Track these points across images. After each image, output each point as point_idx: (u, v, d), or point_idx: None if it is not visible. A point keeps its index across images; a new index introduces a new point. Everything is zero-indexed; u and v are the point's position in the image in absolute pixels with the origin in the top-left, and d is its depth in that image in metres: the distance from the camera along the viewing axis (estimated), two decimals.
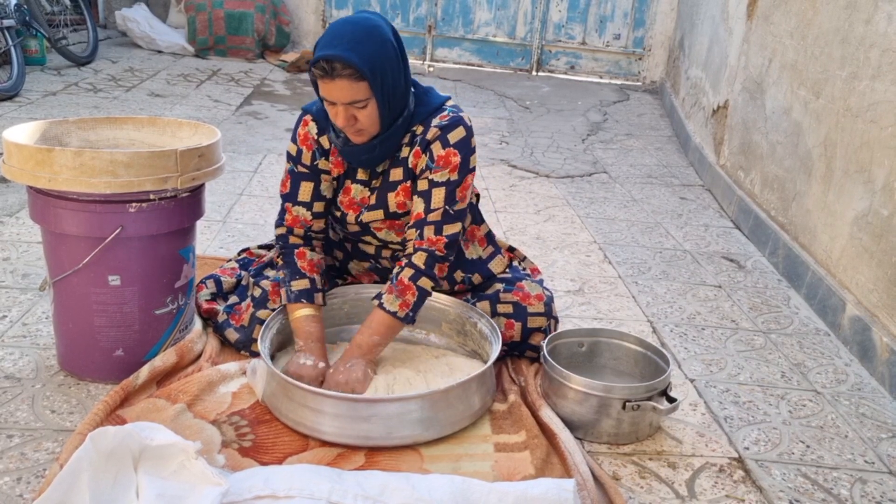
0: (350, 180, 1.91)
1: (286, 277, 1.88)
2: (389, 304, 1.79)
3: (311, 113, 1.90)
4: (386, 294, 1.80)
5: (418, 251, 1.82)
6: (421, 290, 1.81)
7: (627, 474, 1.64)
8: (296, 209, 1.91)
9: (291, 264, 1.89)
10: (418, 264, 1.81)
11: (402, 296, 1.79)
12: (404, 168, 1.86)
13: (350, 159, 1.86)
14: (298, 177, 1.91)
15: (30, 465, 1.51)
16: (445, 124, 1.81)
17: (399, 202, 1.88)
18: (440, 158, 1.80)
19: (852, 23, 2.54)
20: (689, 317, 2.44)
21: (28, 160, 1.62)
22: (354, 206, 1.91)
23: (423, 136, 1.82)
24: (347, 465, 1.56)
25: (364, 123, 1.74)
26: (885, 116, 2.26)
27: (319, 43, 1.69)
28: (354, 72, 1.64)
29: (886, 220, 2.21)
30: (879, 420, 1.94)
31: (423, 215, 1.82)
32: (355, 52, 1.64)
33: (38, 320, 2.05)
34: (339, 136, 1.82)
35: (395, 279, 1.81)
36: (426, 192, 1.82)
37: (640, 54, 6.64)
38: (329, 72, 1.65)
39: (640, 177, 4.03)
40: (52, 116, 4.08)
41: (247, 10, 6.11)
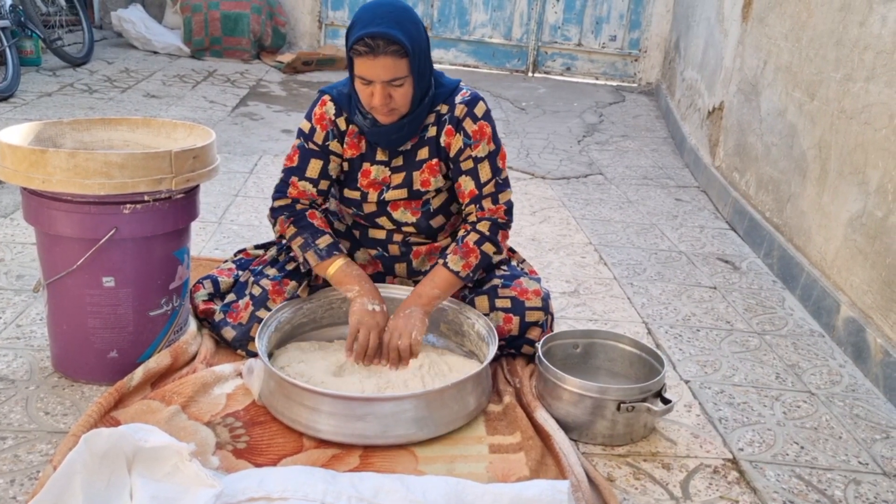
0: (368, 162, 1.95)
1: (308, 239, 1.89)
2: (453, 263, 1.88)
3: (331, 95, 1.93)
4: (451, 254, 1.89)
5: (482, 220, 1.92)
6: (483, 255, 1.91)
7: (622, 475, 1.64)
8: (302, 183, 1.94)
9: (309, 226, 1.91)
10: (483, 230, 1.91)
11: (466, 257, 1.89)
12: (431, 147, 1.93)
13: (377, 139, 1.90)
14: (308, 153, 1.93)
15: (23, 466, 1.51)
16: (468, 100, 1.90)
17: (424, 179, 1.94)
18: (475, 133, 1.89)
19: (847, 25, 2.54)
20: (683, 318, 2.44)
21: (22, 161, 1.62)
22: (375, 185, 1.96)
23: (451, 114, 1.90)
24: (342, 466, 1.56)
25: (398, 102, 1.78)
26: (880, 118, 2.27)
27: (358, 22, 1.73)
28: (399, 48, 1.70)
29: (881, 222, 2.21)
30: (873, 421, 1.95)
31: (477, 191, 1.92)
32: (399, 30, 1.71)
33: (32, 322, 2.04)
34: (367, 117, 1.85)
35: (461, 242, 1.90)
36: (473, 170, 1.91)
37: (635, 56, 6.65)
38: (373, 48, 1.69)
39: (636, 178, 4.03)
40: (48, 117, 4.07)
41: (243, 11, 6.11)
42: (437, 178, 1.95)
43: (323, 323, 2.04)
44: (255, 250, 2.25)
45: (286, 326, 1.93)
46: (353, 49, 1.72)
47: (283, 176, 1.96)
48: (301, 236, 1.90)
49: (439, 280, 1.89)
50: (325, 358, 1.87)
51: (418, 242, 2.06)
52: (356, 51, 1.71)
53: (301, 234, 1.91)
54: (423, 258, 2.07)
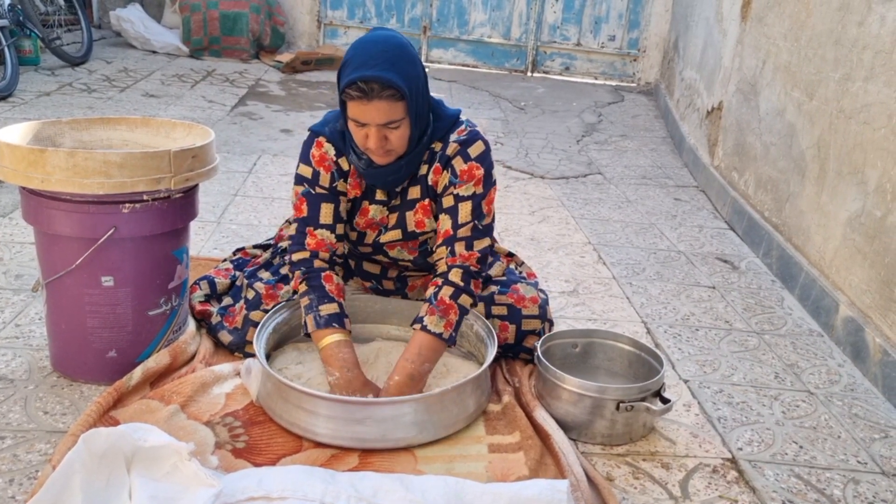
0: (368, 201, 1.86)
1: (313, 302, 1.76)
2: (434, 325, 1.73)
3: (325, 134, 1.83)
4: (427, 316, 1.74)
5: (453, 268, 1.77)
6: (462, 308, 1.77)
7: (621, 475, 1.64)
8: (319, 232, 1.82)
9: (319, 288, 1.78)
10: (456, 281, 1.76)
11: (445, 315, 1.74)
12: (422, 186, 1.83)
13: (373, 181, 1.81)
14: (317, 199, 1.82)
15: (22, 466, 1.50)
16: (464, 139, 1.80)
17: (418, 220, 1.86)
18: (463, 173, 1.78)
19: (845, 25, 2.55)
20: (682, 318, 2.44)
21: (21, 161, 1.61)
22: (373, 227, 1.88)
23: (443, 152, 1.80)
24: (341, 466, 1.56)
25: (394, 144, 1.69)
26: (878, 118, 2.27)
27: (350, 63, 1.62)
28: (395, 92, 1.60)
29: (879, 222, 2.21)
30: (872, 421, 1.95)
31: (452, 231, 1.79)
32: (394, 72, 1.60)
33: (31, 321, 2.04)
34: (362, 158, 1.76)
35: (436, 299, 1.75)
36: (452, 208, 1.79)
37: (634, 56, 6.65)
38: (367, 93, 1.59)
39: (635, 178, 4.04)
40: (46, 117, 4.07)
41: (241, 11, 6.11)
42: (430, 219, 1.86)
43: None
44: (254, 249, 2.25)
45: (284, 328, 1.93)
46: (346, 92, 1.61)
47: (297, 227, 1.84)
48: (308, 297, 1.78)
49: (425, 351, 1.73)
50: None
51: (414, 276, 2.03)
52: (348, 94, 1.61)
53: (309, 294, 1.78)
54: (418, 290, 2.05)
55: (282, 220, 2.88)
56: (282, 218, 2.92)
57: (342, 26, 6.79)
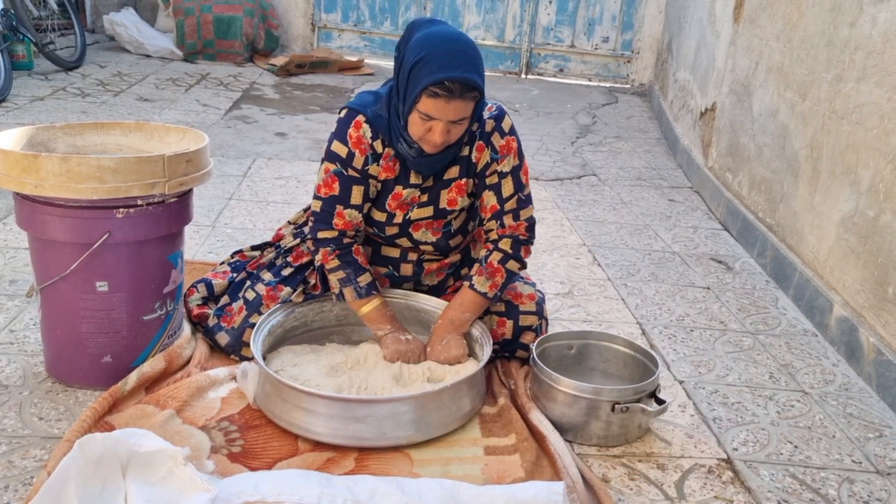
0: (401, 185, 1.89)
1: (350, 276, 1.88)
2: (480, 285, 1.87)
3: (366, 115, 1.83)
4: (476, 276, 1.88)
5: (503, 237, 1.90)
6: (509, 273, 1.89)
7: (617, 476, 1.65)
8: (348, 212, 1.87)
9: (353, 262, 1.89)
10: (505, 249, 1.89)
11: (492, 277, 1.88)
12: (462, 166, 1.90)
13: (421, 168, 1.85)
14: (349, 180, 1.85)
15: (17, 472, 1.50)
16: (495, 115, 1.88)
17: (451, 199, 1.92)
18: (502, 148, 1.88)
19: (837, 25, 2.56)
20: (677, 318, 2.45)
21: (14, 166, 1.61)
22: (403, 207, 1.92)
23: (483, 130, 1.87)
24: (337, 469, 1.56)
25: (454, 137, 1.75)
26: (871, 118, 2.28)
27: (431, 61, 1.64)
28: (477, 94, 1.68)
29: (872, 221, 2.22)
30: (867, 420, 1.96)
31: (499, 206, 1.90)
32: (477, 74, 1.68)
33: (26, 327, 2.04)
34: (413, 146, 1.78)
35: (485, 262, 1.89)
36: (496, 185, 1.89)
37: (628, 57, 6.67)
38: (452, 92, 1.64)
39: (629, 179, 4.04)
40: (40, 121, 4.06)
41: (235, 14, 6.10)
42: (463, 197, 1.92)
43: (314, 326, 2.04)
44: (252, 252, 2.25)
45: (278, 330, 1.93)
46: (429, 90, 1.64)
47: (323, 205, 1.87)
48: (344, 271, 1.88)
49: (468, 303, 1.88)
50: (318, 361, 1.88)
51: (430, 260, 2.04)
52: (432, 92, 1.64)
53: (344, 268, 1.88)
54: (432, 274, 2.06)
55: (277, 223, 2.88)
56: (277, 221, 2.92)
57: (336, 29, 6.79)
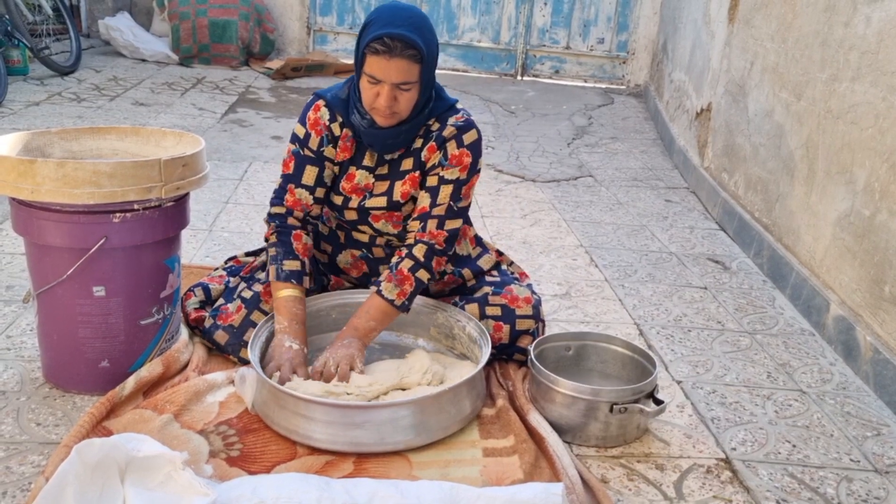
0: (355, 166, 1.95)
1: (278, 255, 1.88)
2: (388, 292, 1.85)
3: (326, 98, 1.92)
4: (385, 282, 1.86)
5: (419, 243, 1.88)
6: (418, 281, 1.88)
7: (616, 477, 1.65)
8: (298, 191, 1.92)
9: (287, 244, 1.90)
10: (418, 256, 1.87)
11: (400, 285, 1.86)
12: (415, 159, 1.92)
13: (372, 141, 1.88)
14: (303, 160, 1.92)
15: (15, 478, 1.50)
16: (462, 125, 1.90)
17: (404, 191, 1.93)
18: (454, 157, 1.89)
19: (832, 25, 2.56)
20: (675, 319, 2.45)
21: (10, 172, 1.61)
22: (358, 192, 1.95)
23: (440, 133, 1.89)
24: (336, 472, 1.56)
25: (401, 106, 1.78)
26: (866, 118, 2.29)
27: (376, 21, 1.73)
28: (416, 53, 1.71)
29: (868, 221, 2.23)
30: (864, 419, 1.96)
31: (428, 209, 1.89)
32: (418, 35, 1.72)
33: (23, 332, 2.03)
34: (366, 117, 1.84)
35: (395, 269, 1.87)
36: (434, 188, 1.90)
37: (623, 58, 6.68)
38: (391, 49, 1.69)
39: (626, 180, 4.05)
40: (36, 126, 4.06)
41: (231, 18, 6.10)
42: (416, 190, 1.94)
43: (311, 332, 2.03)
44: (246, 257, 2.24)
45: None
46: (370, 46, 1.70)
47: (280, 182, 1.95)
48: (276, 248, 1.90)
49: (374, 311, 1.86)
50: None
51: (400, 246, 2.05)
52: (373, 48, 1.70)
53: (277, 247, 1.90)
54: None
55: None
56: None
57: (332, 32, 6.80)
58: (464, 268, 2.09)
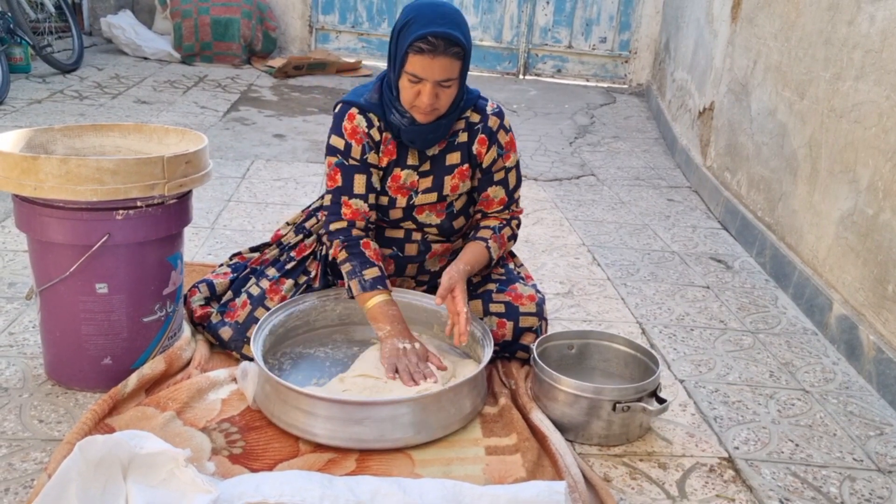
0: (399, 167, 1.96)
1: (356, 268, 1.87)
2: (494, 250, 1.98)
3: (358, 105, 1.91)
4: (491, 241, 1.97)
5: (513, 220, 2.06)
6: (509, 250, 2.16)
7: (618, 475, 1.65)
8: (354, 202, 1.91)
9: (360, 255, 1.89)
10: (514, 230, 2.06)
11: (501, 247, 2.01)
12: (463, 152, 1.96)
13: (413, 138, 1.90)
14: (350, 170, 1.91)
15: (17, 475, 1.50)
16: (497, 111, 1.98)
17: (454, 185, 1.97)
18: (507, 144, 1.99)
19: (835, 24, 2.56)
20: (677, 318, 2.45)
21: (13, 168, 1.61)
22: (403, 191, 1.97)
23: (485, 124, 1.95)
24: (338, 470, 1.56)
25: (442, 102, 1.81)
26: (869, 117, 2.28)
27: (417, 19, 1.73)
28: (459, 50, 1.74)
29: (871, 220, 2.22)
30: (867, 418, 1.96)
31: (507, 198, 2.03)
32: (460, 32, 1.74)
33: (25, 329, 2.03)
34: (405, 115, 1.85)
35: (499, 232, 2.00)
36: (504, 180, 2.01)
37: (626, 57, 6.67)
38: (435, 47, 1.71)
39: (628, 179, 4.05)
40: (38, 124, 4.06)
41: (233, 17, 6.10)
42: (465, 182, 1.99)
43: (316, 325, 2.04)
44: (250, 253, 2.24)
45: (280, 330, 1.93)
46: (413, 45, 1.71)
47: (332, 198, 1.92)
48: (350, 263, 1.88)
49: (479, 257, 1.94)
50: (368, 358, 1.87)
51: (436, 241, 2.05)
52: (417, 48, 1.71)
53: (351, 261, 1.88)
54: (435, 258, 2.07)
55: (275, 224, 2.87)
56: (275, 223, 2.92)
57: (334, 31, 6.79)
58: None
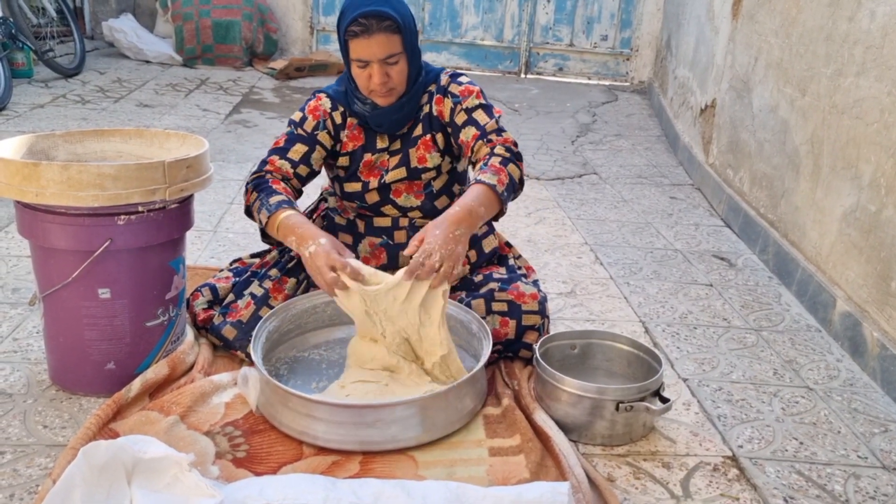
0: (369, 153, 2.00)
1: (262, 200, 1.83)
2: (489, 178, 1.78)
3: (327, 93, 2.02)
4: (481, 174, 1.81)
5: (496, 147, 1.88)
6: (511, 176, 1.82)
7: (622, 475, 1.64)
8: (280, 162, 1.96)
9: (267, 188, 1.87)
10: (503, 154, 1.86)
11: (497, 174, 1.80)
12: (424, 123, 1.99)
13: (379, 122, 1.94)
14: (295, 137, 1.98)
15: (22, 481, 1.50)
16: (451, 73, 2.03)
17: (420, 156, 1.99)
18: (462, 92, 1.96)
19: (836, 20, 2.55)
20: (680, 316, 2.45)
21: (15, 175, 1.61)
22: (375, 172, 2.00)
23: (438, 85, 1.99)
24: (342, 473, 1.56)
25: (396, 80, 1.85)
26: (871, 112, 2.27)
27: (348, 7, 1.79)
28: (392, 23, 1.77)
29: (874, 216, 2.22)
30: (872, 415, 1.95)
31: (480, 132, 1.91)
32: (388, 6, 1.78)
33: (29, 335, 2.04)
34: (367, 102, 1.90)
35: (486, 164, 1.82)
36: (469, 119, 1.93)
37: (627, 55, 6.66)
38: (367, 27, 1.75)
39: (630, 177, 4.04)
40: (41, 129, 4.07)
41: (234, 19, 6.11)
42: (431, 153, 1.99)
43: (308, 328, 2.04)
44: (251, 259, 2.25)
45: (275, 335, 1.93)
46: (348, 31, 1.77)
47: (265, 156, 2.00)
48: (258, 200, 1.86)
49: (483, 197, 1.74)
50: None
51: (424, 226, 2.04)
52: (351, 32, 1.76)
53: (259, 197, 1.86)
54: None
55: None
56: None
57: (335, 32, 6.79)
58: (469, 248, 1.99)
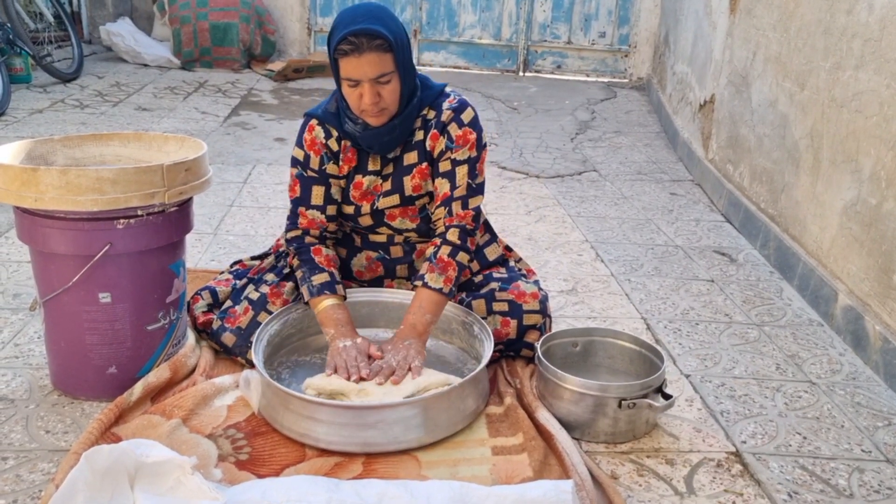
0: (361, 174, 1.96)
1: (306, 274, 1.90)
2: (434, 281, 1.85)
3: (317, 117, 1.94)
4: (428, 273, 1.86)
5: (451, 228, 1.90)
6: (459, 265, 1.89)
7: (625, 473, 1.64)
8: (310, 212, 1.95)
9: (309, 261, 1.92)
10: (453, 240, 1.89)
11: (444, 272, 1.86)
12: (419, 151, 1.93)
13: (370, 143, 1.89)
14: (308, 181, 1.94)
15: (25, 486, 1.50)
16: (456, 106, 1.92)
17: (415, 185, 1.95)
18: (458, 138, 1.90)
19: (834, 13, 2.55)
20: (682, 312, 2.44)
21: (13, 180, 1.61)
22: (368, 196, 1.96)
23: (438, 119, 1.91)
24: (345, 474, 1.56)
25: (388, 100, 1.79)
26: (870, 106, 2.27)
27: (338, 25, 1.74)
28: (383, 42, 1.71)
29: (875, 209, 2.21)
30: (875, 409, 1.95)
31: (450, 193, 1.91)
32: (380, 24, 1.72)
33: (30, 340, 2.04)
34: (358, 122, 1.85)
35: (435, 258, 1.88)
36: (450, 172, 1.91)
37: (625, 51, 6.66)
38: (358, 46, 1.69)
39: (630, 174, 4.04)
40: (39, 134, 4.07)
41: (231, 21, 6.11)
42: (427, 181, 1.95)
43: (309, 332, 2.03)
44: (252, 261, 2.25)
45: (276, 339, 1.93)
46: (338, 50, 1.71)
47: (291, 207, 1.97)
48: (301, 269, 1.92)
49: (427, 304, 1.85)
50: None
51: (420, 241, 2.06)
52: (341, 51, 1.71)
53: (301, 267, 1.92)
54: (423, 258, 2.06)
55: (279, 229, 2.88)
56: (278, 227, 2.92)
57: None
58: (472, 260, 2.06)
